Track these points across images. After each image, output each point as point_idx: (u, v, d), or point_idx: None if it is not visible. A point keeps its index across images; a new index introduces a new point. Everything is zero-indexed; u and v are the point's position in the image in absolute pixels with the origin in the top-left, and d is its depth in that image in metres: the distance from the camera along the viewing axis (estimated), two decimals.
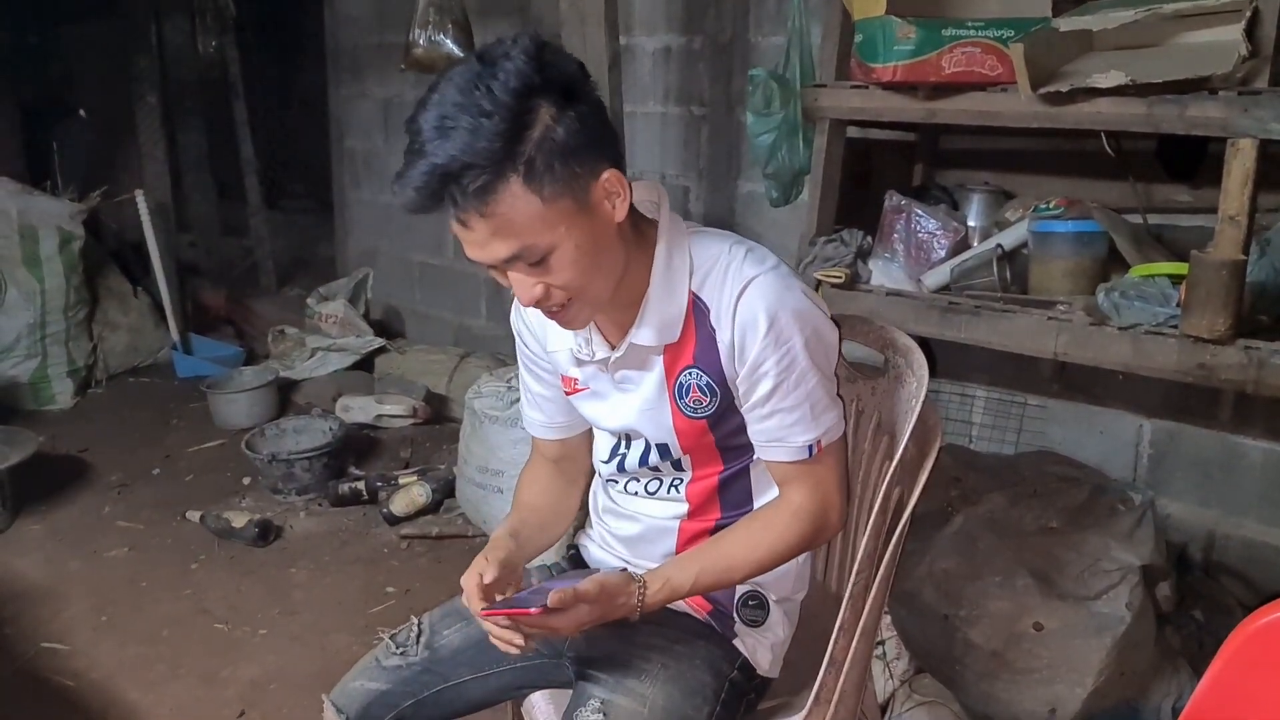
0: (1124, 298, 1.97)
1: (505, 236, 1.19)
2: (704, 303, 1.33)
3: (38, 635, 2.67)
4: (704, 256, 1.34)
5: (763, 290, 1.29)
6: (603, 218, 1.24)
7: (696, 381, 1.36)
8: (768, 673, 1.49)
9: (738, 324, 1.30)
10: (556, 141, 1.17)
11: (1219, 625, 2.17)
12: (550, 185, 1.17)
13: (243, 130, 5.50)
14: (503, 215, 1.17)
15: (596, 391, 1.46)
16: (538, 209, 1.18)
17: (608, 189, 1.23)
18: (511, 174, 1.15)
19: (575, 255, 1.22)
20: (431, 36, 3.41)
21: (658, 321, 1.34)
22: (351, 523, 3.31)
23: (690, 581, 1.36)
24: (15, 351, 4.22)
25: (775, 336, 1.29)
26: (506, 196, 1.16)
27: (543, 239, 1.20)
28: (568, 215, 1.20)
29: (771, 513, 1.40)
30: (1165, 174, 2.33)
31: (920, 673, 2.21)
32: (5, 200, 4.24)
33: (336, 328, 4.68)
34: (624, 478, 1.52)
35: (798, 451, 1.35)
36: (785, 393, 1.32)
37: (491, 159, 1.14)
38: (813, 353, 1.32)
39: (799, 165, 2.52)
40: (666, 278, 1.33)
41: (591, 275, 1.26)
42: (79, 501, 3.46)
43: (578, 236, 1.22)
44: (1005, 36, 2.06)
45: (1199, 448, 2.47)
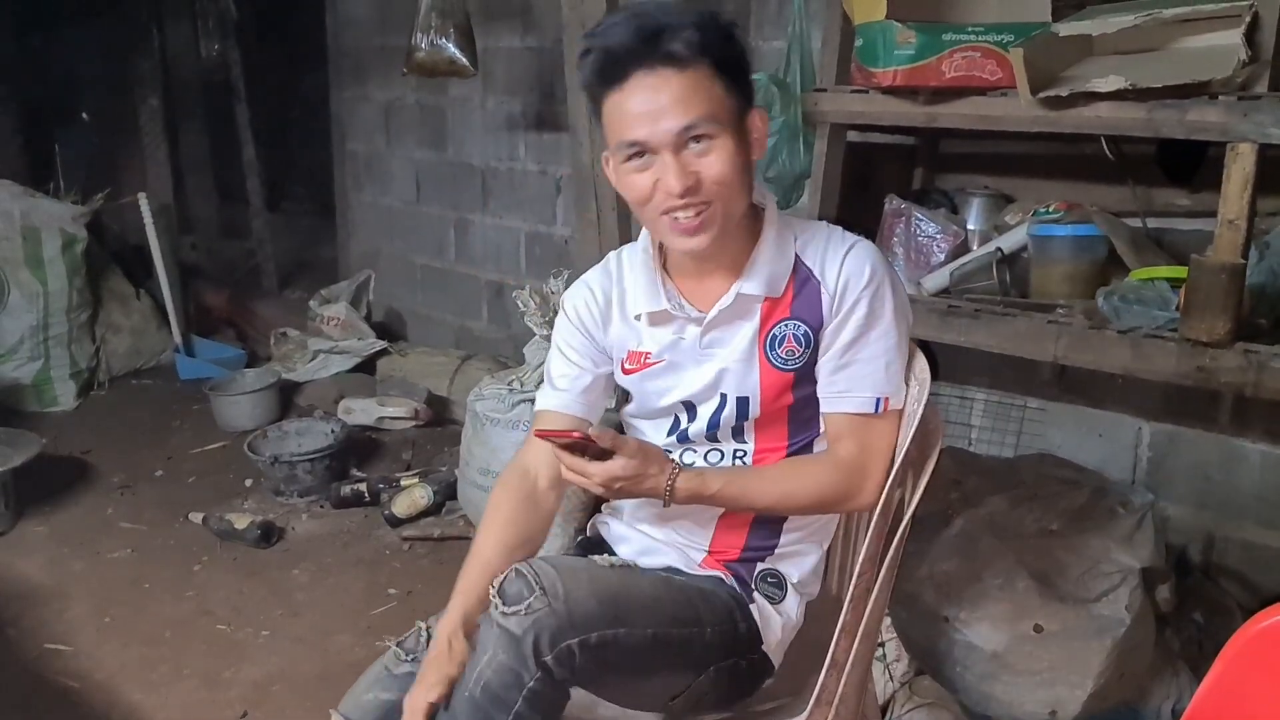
0: (1123, 301, 1.98)
1: (688, 104, 1.33)
2: (806, 265, 1.45)
3: (41, 636, 2.67)
4: (808, 232, 1.48)
5: (869, 251, 1.44)
6: (749, 145, 1.40)
7: (793, 331, 1.44)
8: (772, 653, 1.51)
9: (843, 273, 1.42)
10: (739, 60, 1.39)
11: (1219, 628, 2.18)
12: (732, 84, 1.36)
13: (244, 133, 5.51)
14: (692, 83, 1.33)
15: (674, 363, 1.50)
16: (720, 93, 1.35)
17: (757, 124, 1.41)
18: (709, 55, 1.34)
19: (734, 151, 1.36)
20: (434, 41, 3.42)
21: (767, 274, 1.44)
22: (353, 524, 3.31)
23: (718, 485, 1.43)
24: (18, 353, 4.23)
25: (874, 289, 1.41)
26: (699, 68, 1.34)
27: (719, 118, 1.35)
28: (734, 116, 1.37)
29: (814, 460, 1.49)
30: (1164, 178, 2.34)
31: (920, 674, 2.22)
32: (8, 202, 4.24)
33: (338, 330, 4.69)
34: (680, 448, 1.54)
35: (865, 404, 1.43)
36: (865, 344, 1.42)
37: (702, 34, 1.33)
38: (900, 318, 1.44)
39: (800, 169, 2.52)
40: (778, 241, 1.46)
41: (736, 183, 1.38)
42: (82, 503, 3.47)
43: (737, 140, 1.37)
44: (1005, 41, 2.07)
45: (1198, 450, 2.48)
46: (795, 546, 1.54)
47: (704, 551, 1.54)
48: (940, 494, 2.23)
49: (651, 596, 1.40)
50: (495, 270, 4.46)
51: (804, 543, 1.55)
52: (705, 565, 1.53)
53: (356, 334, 4.68)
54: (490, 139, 4.32)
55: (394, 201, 4.94)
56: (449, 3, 3.43)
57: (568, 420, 1.56)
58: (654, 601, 1.39)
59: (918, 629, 2.17)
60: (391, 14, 4.59)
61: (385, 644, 1.56)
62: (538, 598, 1.29)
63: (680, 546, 1.55)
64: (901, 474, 1.43)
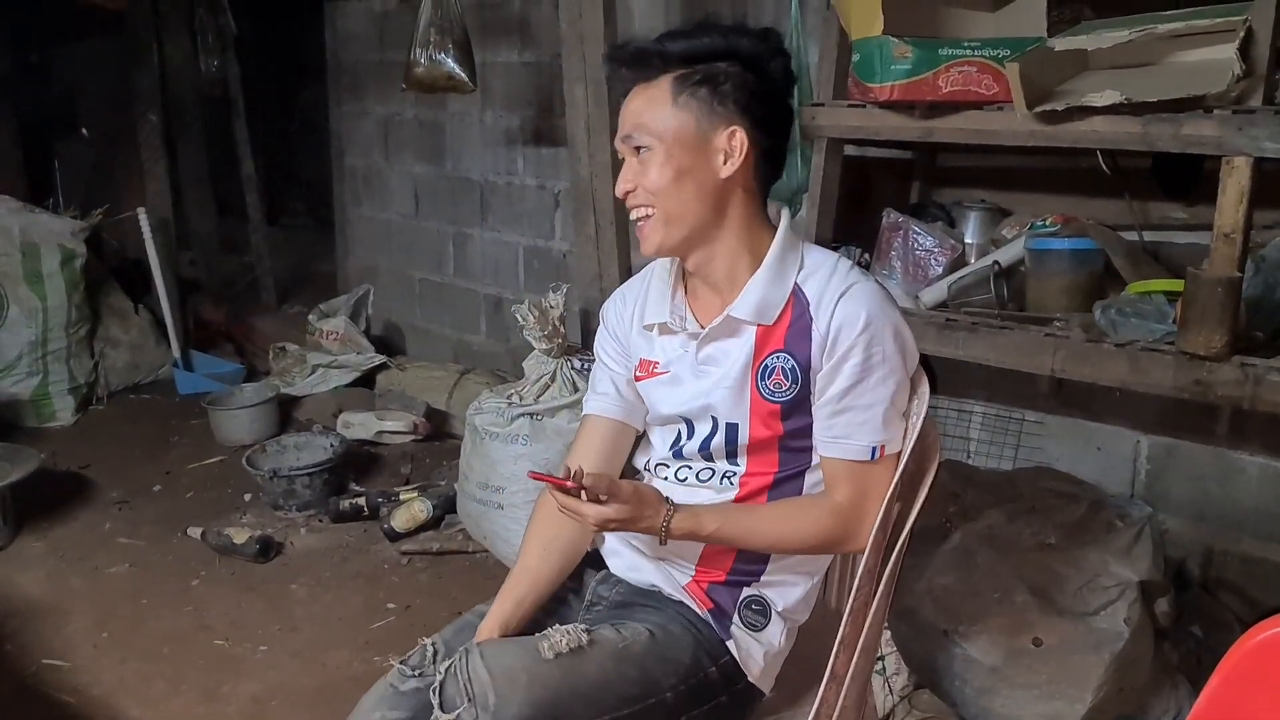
0: (1120, 314, 1.99)
1: (638, 115, 1.42)
2: (805, 295, 1.45)
3: (39, 652, 2.67)
4: (814, 260, 1.48)
5: (866, 295, 1.42)
6: (712, 162, 1.42)
7: (782, 365, 1.45)
8: (758, 681, 1.50)
9: (836, 320, 1.41)
10: (716, 78, 1.40)
11: (1217, 641, 2.18)
12: (685, 98, 1.40)
13: (243, 148, 5.52)
14: (645, 97, 1.42)
15: (676, 375, 1.53)
16: (666, 107, 1.40)
17: (727, 143, 1.41)
18: (670, 71, 1.41)
19: (664, 161, 1.41)
20: (433, 56, 3.43)
21: (759, 300, 1.45)
22: (352, 539, 3.31)
23: (714, 526, 1.44)
24: (17, 369, 4.23)
25: (868, 338, 1.40)
26: (656, 83, 1.42)
27: (653, 129, 1.41)
28: (681, 129, 1.40)
29: (809, 502, 1.49)
30: (1160, 191, 2.35)
31: (919, 688, 2.22)
32: (7, 218, 4.25)
33: (337, 344, 4.69)
34: (677, 464, 1.56)
35: (861, 451, 1.43)
36: (862, 391, 1.41)
37: (675, 57, 1.41)
38: (896, 365, 1.42)
39: (797, 183, 2.54)
40: (778, 268, 1.46)
41: (672, 194, 1.42)
42: (80, 518, 3.46)
43: (675, 151, 1.41)
44: (1001, 56, 2.08)
45: (1196, 463, 2.48)
46: (783, 575, 1.54)
47: (690, 573, 1.53)
48: (938, 507, 2.23)
49: (598, 683, 1.38)
50: (494, 284, 4.46)
51: (792, 572, 1.54)
52: (689, 589, 1.52)
53: (355, 348, 4.68)
54: (489, 154, 4.33)
55: (393, 216, 4.95)
56: (448, 18, 3.44)
57: (607, 425, 1.62)
58: (601, 688, 1.37)
59: (917, 643, 2.16)
60: (390, 30, 4.61)
61: (388, 663, 1.55)
62: (466, 709, 1.31)
63: (666, 566, 1.55)
64: (900, 488, 1.43)
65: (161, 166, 5.31)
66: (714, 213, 1.45)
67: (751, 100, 1.42)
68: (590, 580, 1.61)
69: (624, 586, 1.58)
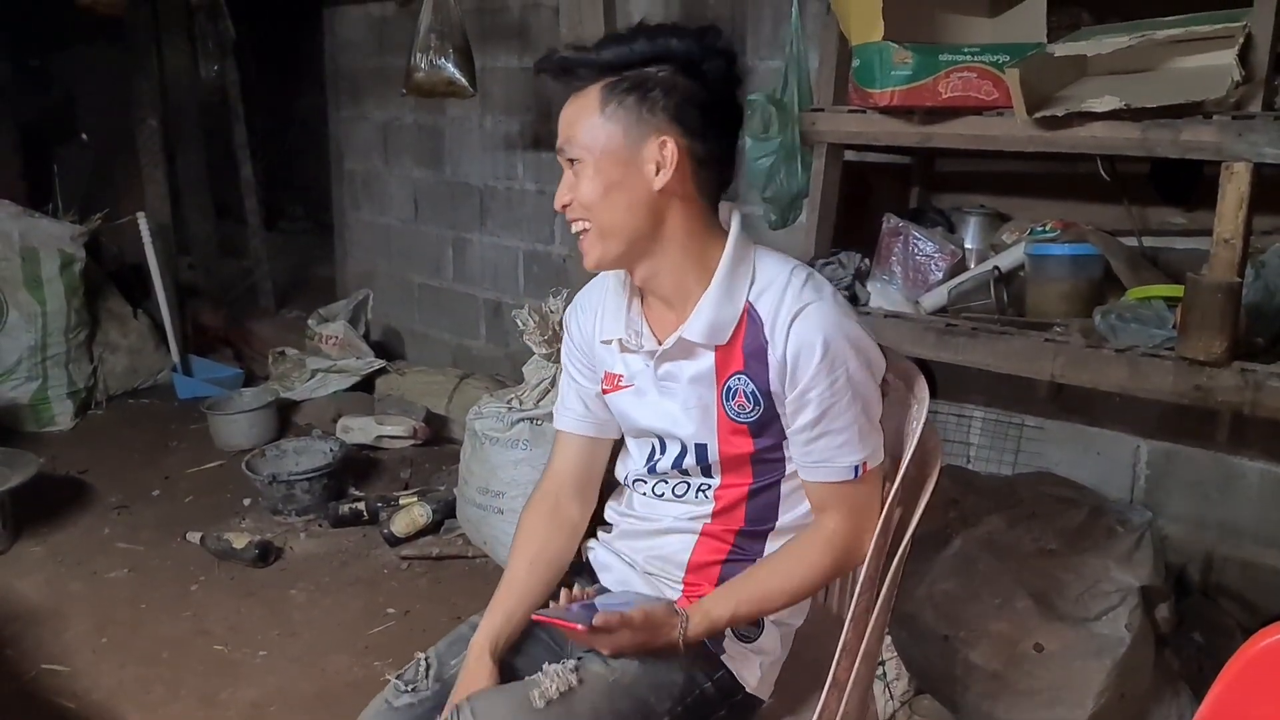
0: (1120, 320, 1.99)
1: (568, 127, 1.38)
2: (758, 314, 1.39)
3: (38, 656, 2.66)
4: (766, 273, 1.41)
5: (820, 316, 1.36)
6: (643, 173, 1.35)
7: (744, 388, 1.41)
8: (755, 690, 1.49)
9: (791, 346, 1.36)
10: (646, 85, 1.34)
11: (1219, 647, 2.18)
12: (614, 108, 1.34)
13: (242, 152, 5.52)
14: (575, 107, 1.37)
15: (639, 389, 1.49)
16: (594, 118, 1.35)
17: (658, 153, 1.34)
18: (598, 80, 1.36)
19: (595, 177, 1.36)
20: (433, 61, 3.44)
21: (710, 321, 1.40)
22: (352, 544, 3.31)
23: (729, 614, 1.41)
24: (16, 373, 4.23)
25: (829, 363, 1.35)
26: (585, 93, 1.36)
27: (581, 141, 1.36)
28: (611, 142, 1.35)
29: (805, 542, 1.45)
30: (1160, 197, 2.36)
31: (920, 694, 2.22)
32: (6, 223, 4.25)
33: (336, 349, 4.69)
34: (653, 479, 1.54)
35: (844, 472, 1.40)
36: (835, 416, 1.38)
37: (601, 65, 1.36)
38: (863, 379, 1.38)
39: (797, 188, 2.54)
40: (728, 283, 1.40)
41: (604, 208, 1.37)
42: (79, 523, 3.46)
43: (608, 167, 1.35)
44: (1001, 61, 2.08)
45: (1196, 469, 2.48)
46: None
47: (679, 589, 1.52)
48: (939, 513, 2.23)
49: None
50: (493, 289, 4.46)
51: None
52: (679, 606, 1.49)
53: (354, 353, 4.69)
54: (488, 158, 4.33)
55: (392, 221, 4.95)
56: (448, 24, 3.44)
57: (579, 440, 1.60)
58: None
59: (918, 648, 2.16)
60: (388, 35, 4.62)
61: (387, 669, 1.55)
62: None
63: (655, 581, 1.54)
64: (901, 494, 1.43)
65: (161, 171, 5.31)
66: (651, 225, 1.38)
67: (684, 106, 1.35)
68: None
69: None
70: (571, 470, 1.61)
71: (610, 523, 1.63)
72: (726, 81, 1.38)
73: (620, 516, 1.59)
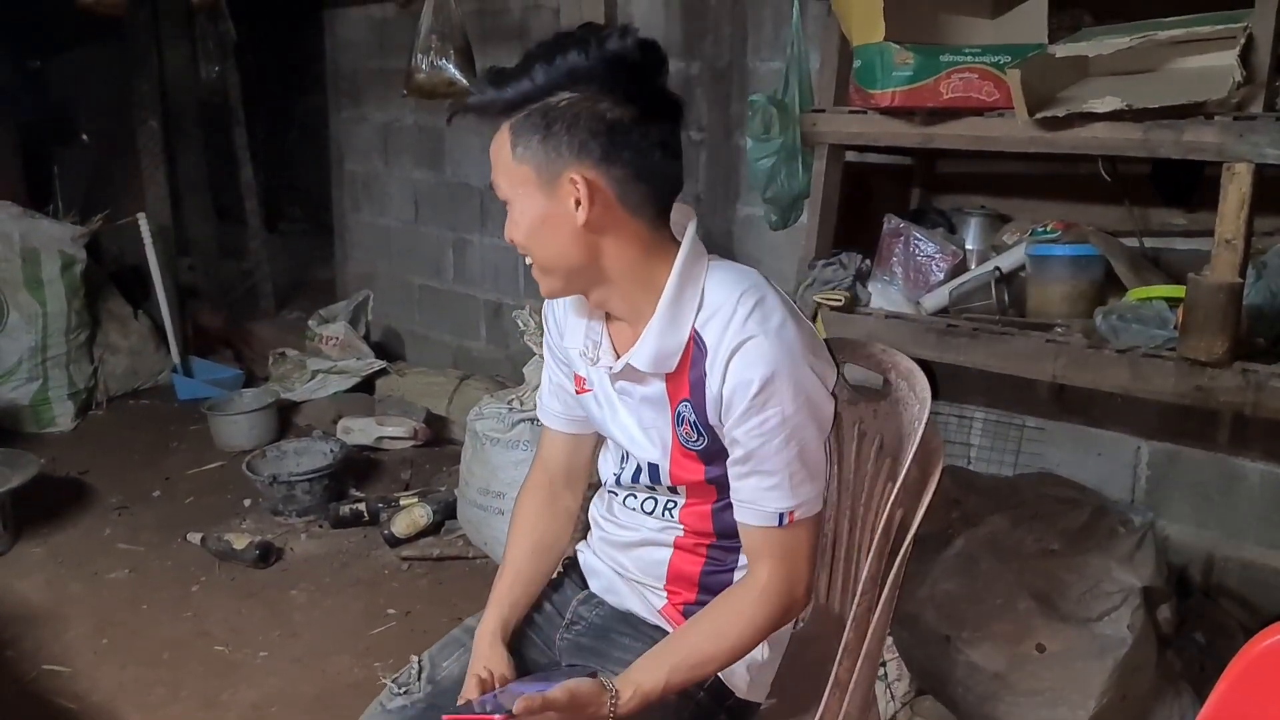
0: (1121, 320, 1.99)
1: (492, 166, 1.34)
2: (704, 343, 1.32)
3: (39, 657, 2.66)
4: (715, 297, 1.33)
5: (759, 352, 1.28)
6: (565, 209, 1.29)
7: (690, 417, 1.36)
8: (746, 694, 1.48)
9: (728, 381, 1.29)
10: (549, 118, 1.27)
11: (1220, 648, 2.18)
12: (522, 146, 1.28)
13: (243, 154, 5.52)
14: (495, 147, 1.32)
15: (600, 399, 1.47)
16: (507, 157, 1.30)
17: (574, 189, 1.28)
18: (506, 118, 1.29)
19: (519, 218, 1.32)
20: (434, 62, 3.44)
21: (655, 350, 1.34)
22: (352, 544, 3.31)
23: (662, 684, 1.34)
24: (16, 374, 4.23)
25: (764, 400, 1.28)
26: (501, 133, 1.31)
27: (503, 183, 1.32)
28: (526, 182, 1.30)
29: (739, 595, 1.39)
30: (1161, 198, 2.35)
31: (922, 694, 2.22)
32: (7, 224, 4.25)
33: (337, 350, 4.70)
34: (623, 491, 1.53)
35: (768, 517, 1.34)
36: (765, 457, 1.31)
37: (508, 102, 1.28)
38: (801, 423, 1.30)
39: (798, 189, 2.53)
40: (674, 310, 1.33)
41: (535, 247, 1.33)
42: (80, 524, 3.46)
43: (528, 205, 1.31)
44: (1002, 62, 2.08)
45: (1197, 469, 2.48)
46: None
47: (663, 597, 1.51)
48: (940, 514, 2.23)
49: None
50: (493, 290, 4.46)
51: None
52: (665, 614, 1.50)
53: (355, 354, 4.69)
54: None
55: (392, 222, 4.95)
56: (448, 25, 3.45)
57: (562, 437, 1.59)
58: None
59: (919, 649, 2.16)
60: (389, 36, 4.62)
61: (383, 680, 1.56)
62: None
63: (639, 589, 1.54)
64: (903, 494, 1.43)
65: (161, 172, 5.31)
66: (587, 258, 1.32)
67: (590, 138, 1.26)
68: (572, 597, 1.60)
69: (604, 609, 1.56)
70: (560, 462, 1.61)
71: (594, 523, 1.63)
72: (643, 82, 1.29)
73: (604, 520, 1.58)
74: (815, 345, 1.34)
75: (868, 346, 1.62)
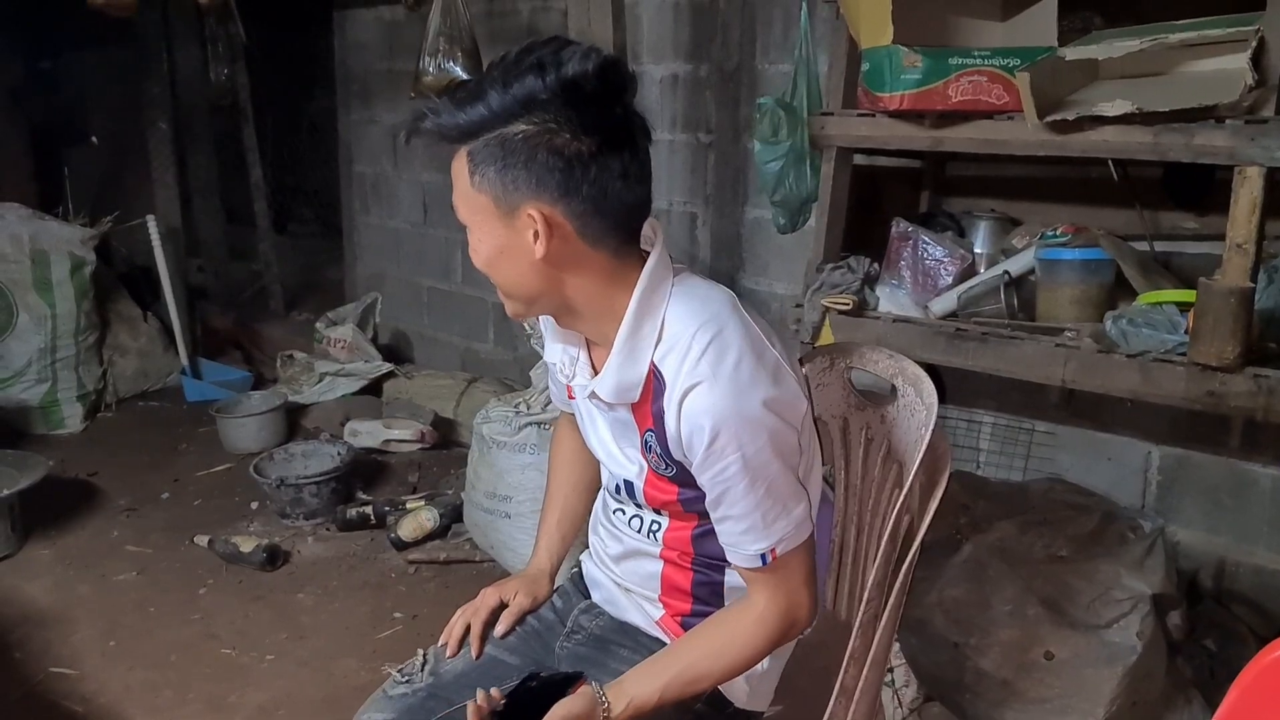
0: (1132, 325, 1.97)
1: (454, 187, 1.30)
2: (662, 377, 1.29)
3: (46, 659, 2.67)
4: (673, 330, 1.29)
5: (709, 400, 1.24)
6: (523, 240, 1.26)
7: (656, 448, 1.35)
8: (746, 704, 1.48)
9: (683, 425, 1.27)
10: (506, 149, 1.22)
11: (1231, 655, 2.16)
12: (479, 176, 1.25)
13: (252, 155, 5.53)
14: (454, 173, 1.28)
15: (584, 409, 1.47)
16: (465, 186, 1.27)
17: (531, 223, 1.23)
18: (463, 146, 1.25)
19: (478, 245, 1.31)
20: (441, 64, 3.44)
21: (615, 383, 1.32)
22: (359, 547, 3.31)
23: (656, 697, 1.33)
24: (26, 375, 4.25)
25: (720, 449, 1.25)
26: (458, 159, 1.26)
27: (462, 210, 1.30)
28: (484, 211, 1.27)
29: (737, 617, 1.38)
30: (1172, 201, 2.34)
31: (929, 701, 2.21)
32: (17, 225, 4.27)
33: (345, 352, 4.70)
34: (614, 503, 1.53)
35: (751, 559, 1.32)
36: (731, 502, 1.29)
37: (462, 129, 1.24)
38: (763, 462, 1.26)
39: (806, 192, 2.52)
40: (631, 344, 1.30)
41: (494, 273, 1.32)
42: (88, 525, 3.46)
43: (485, 234, 1.29)
44: (1012, 65, 2.07)
45: (1208, 475, 2.47)
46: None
47: (660, 608, 1.51)
48: (949, 519, 2.22)
49: None
50: None
51: None
52: (663, 624, 1.50)
53: (363, 356, 4.69)
54: None
55: (401, 224, 4.95)
56: (456, 27, 3.45)
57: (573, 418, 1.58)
58: None
59: (927, 655, 2.15)
60: (398, 38, 4.62)
61: (389, 670, 1.59)
62: None
63: (638, 600, 1.53)
64: (910, 500, 1.42)
65: (171, 174, 5.33)
66: (548, 287, 1.29)
67: (547, 171, 1.21)
68: (575, 606, 1.60)
69: (605, 619, 1.57)
70: (575, 455, 1.66)
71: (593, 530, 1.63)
72: (603, 111, 1.23)
73: (601, 527, 1.58)
74: (778, 378, 1.28)
75: (874, 351, 1.61)
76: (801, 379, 1.35)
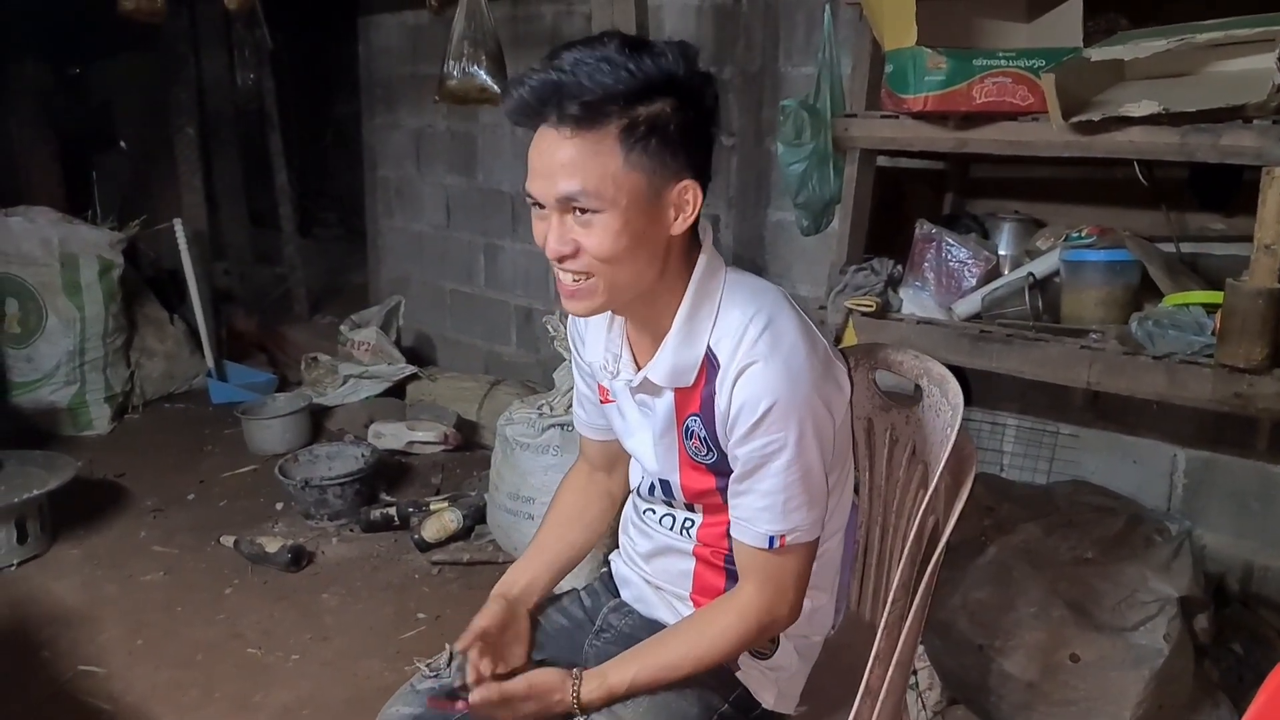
0: (1158, 326, 1.96)
1: (576, 171, 1.21)
2: (716, 360, 1.32)
3: (75, 658, 2.69)
4: (729, 318, 1.32)
5: (764, 378, 1.27)
6: (662, 220, 1.27)
7: (699, 431, 1.37)
8: (774, 707, 1.48)
9: (734, 401, 1.29)
10: (663, 125, 1.21)
11: (1259, 658, 2.15)
12: (637, 154, 1.21)
13: (278, 160, 5.58)
14: (585, 150, 1.21)
15: (622, 409, 1.48)
16: (617, 166, 1.21)
17: (681, 197, 1.26)
18: (614, 120, 1.20)
19: (619, 229, 1.23)
20: (465, 69, 3.45)
21: (671, 366, 1.34)
22: (383, 548, 3.32)
23: (627, 682, 1.36)
24: (55, 378, 4.29)
25: (766, 425, 1.27)
26: (598, 134, 1.20)
27: (604, 194, 1.22)
28: (635, 190, 1.23)
29: (719, 611, 1.40)
30: (1198, 203, 2.33)
31: (954, 703, 2.20)
32: (46, 229, 4.31)
33: (369, 355, 4.72)
34: (644, 504, 1.54)
35: (759, 538, 1.34)
36: (761, 477, 1.31)
37: (606, 95, 1.18)
38: (803, 449, 1.29)
39: (829, 194, 2.52)
40: (689, 327, 1.33)
41: (622, 260, 1.26)
42: (115, 526, 3.50)
43: (631, 216, 1.23)
44: (1036, 66, 2.06)
45: (1235, 478, 2.45)
46: None
47: (689, 606, 1.51)
48: (973, 521, 2.21)
49: None
50: (524, 295, 4.48)
51: None
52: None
53: (386, 359, 4.71)
54: (520, 165, 4.27)
55: (424, 227, 4.98)
56: (480, 31, 3.46)
57: (596, 444, 1.62)
58: None
59: (951, 657, 2.14)
60: (422, 43, 4.65)
61: (417, 664, 1.60)
62: None
63: (668, 598, 1.54)
64: (935, 501, 1.42)
65: (197, 178, 5.38)
66: (654, 271, 1.30)
67: (696, 146, 1.26)
68: (604, 604, 1.61)
69: (634, 618, 1.57)
70: (600, 453, 1.64)
71: (623, 531, 1.64)
72: (716, 108, 1.28)
73: (632, 527, 1.59)
74: (827, 368, 1.32)
75: (900, 352, 1.61)
76: (845, 374, 1.38)
